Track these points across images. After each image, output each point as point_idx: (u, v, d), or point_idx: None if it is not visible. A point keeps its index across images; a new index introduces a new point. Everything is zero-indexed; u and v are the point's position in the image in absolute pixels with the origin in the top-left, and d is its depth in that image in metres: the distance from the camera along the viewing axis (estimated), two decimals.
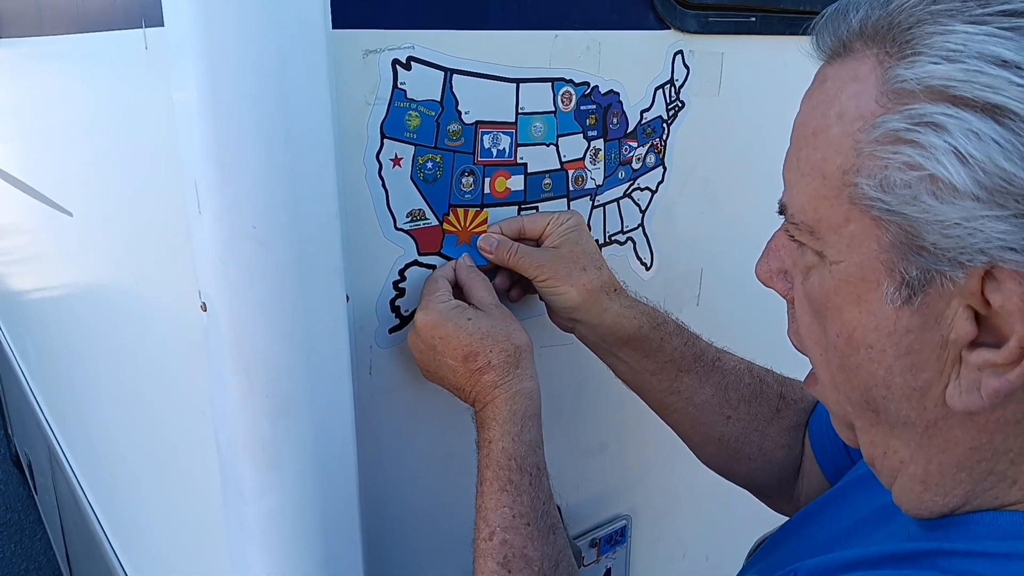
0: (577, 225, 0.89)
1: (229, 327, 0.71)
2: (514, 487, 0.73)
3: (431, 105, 0.79)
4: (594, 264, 0.87)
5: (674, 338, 0.88)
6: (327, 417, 0.75)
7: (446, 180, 0.83)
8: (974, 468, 0.49)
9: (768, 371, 0.91)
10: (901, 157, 0.44)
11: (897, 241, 0.45)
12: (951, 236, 0.42)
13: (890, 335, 0.47)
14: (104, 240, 1.18)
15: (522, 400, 0.78)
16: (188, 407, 0.92)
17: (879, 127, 0.45)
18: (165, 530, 1.22)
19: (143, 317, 1.06)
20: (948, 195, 0.42)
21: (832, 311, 0.51)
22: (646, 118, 0.98)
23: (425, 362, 0.82)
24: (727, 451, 0.89)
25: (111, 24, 0.88)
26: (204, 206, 0.67)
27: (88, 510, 1.70)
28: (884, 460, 0.54)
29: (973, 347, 0.45)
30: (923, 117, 0.43)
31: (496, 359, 0.78)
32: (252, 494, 0.76)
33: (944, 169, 0.42)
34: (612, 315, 0.86)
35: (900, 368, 0.48)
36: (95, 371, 1.44)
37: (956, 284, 0.44)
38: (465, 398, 0.81)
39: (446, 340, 0.78)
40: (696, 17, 0.97)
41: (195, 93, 0.64)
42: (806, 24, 1.06)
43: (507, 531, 0.72)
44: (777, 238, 0.59)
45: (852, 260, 0.48)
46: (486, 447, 0.76)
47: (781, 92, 1.13)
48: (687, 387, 0.88)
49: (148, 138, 0.85)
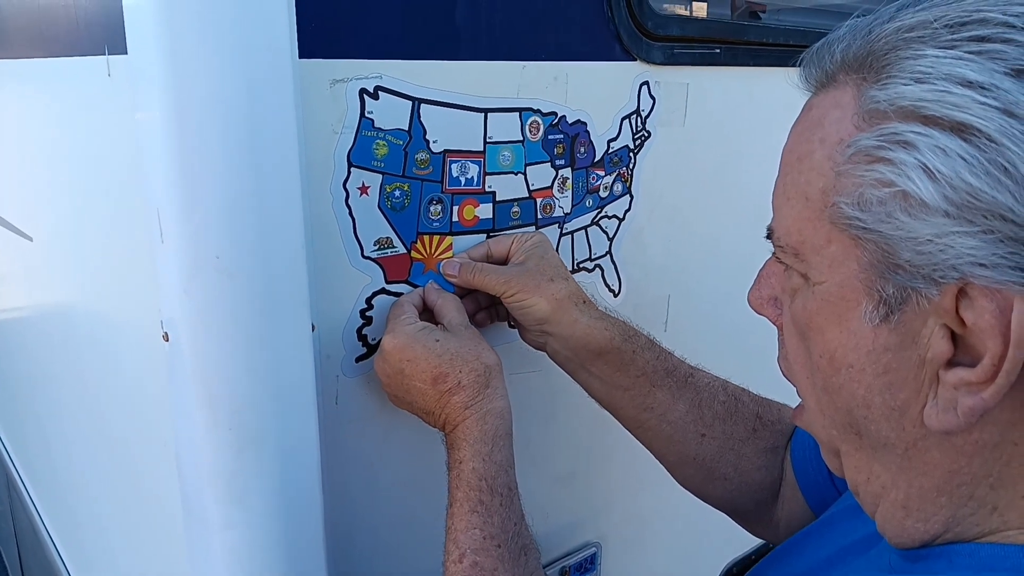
0: (541, 242, 0.90)
1: (192, 357, 0.69)
2: (484, 508, 0.72)
3: (399, 134, 0.79)
4: (561, 275, 0.87)
5: (646, 352, 0.87)
6: (292, 449, 0.74)
7: (414, 208, 0.83)
8: (954, 493, 0.49)
9: (744, 390, 0.91)
10: (874, 174, 0.45)
11: (875, 260, 0.46)
12: (924, 253, 0.43)
13: (869, 354, 0.48)
14: (66, 266, 1.16)
15: (493, 420, 0.77)
16: (152, 438, 0.90)
17: (853, 146, 0.46)
18: (127, 562, 1.20)
19: (106, 345, 1.04)
20: (919, 211, 0.43)
21: (815, 332, 0.51)
22: (613, 147, 0.99)
23: (393, 387, 0.81)
24: (702, 471, 0.89)
25: (74, 50, 0.87)
26: (167, 235, 0.67)
27: (47, 539, 1.65)
28: (867, 486, 0.54)
29: (949, 366, 0.45)
30: (894, 135, 0.44)
31: (466, 379, 0.77)
32: (216, 527, 0.74)
33: (914, 185, 0.43)
34: (583, 326, 0.86)
35: (879, 387, 0.48)
36: (57, 399, 1.41)
37: (931, 302, 0.44)
38: (434, 422, 0.80)
39: (414, 363, 0.78)
40: (661, 49, 0.99)
41: (158, 121, 0.63)
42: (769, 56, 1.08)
43: (477, 553, 0.70)
44: (768, 266, 0.61)
45: (833, 280, 0.49)
46: (456, 468, 0.75)
47: (745, 122, 1.16)
48: (660, 403, 0.87)
49: (110, 165, 0.85)
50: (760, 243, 0.60)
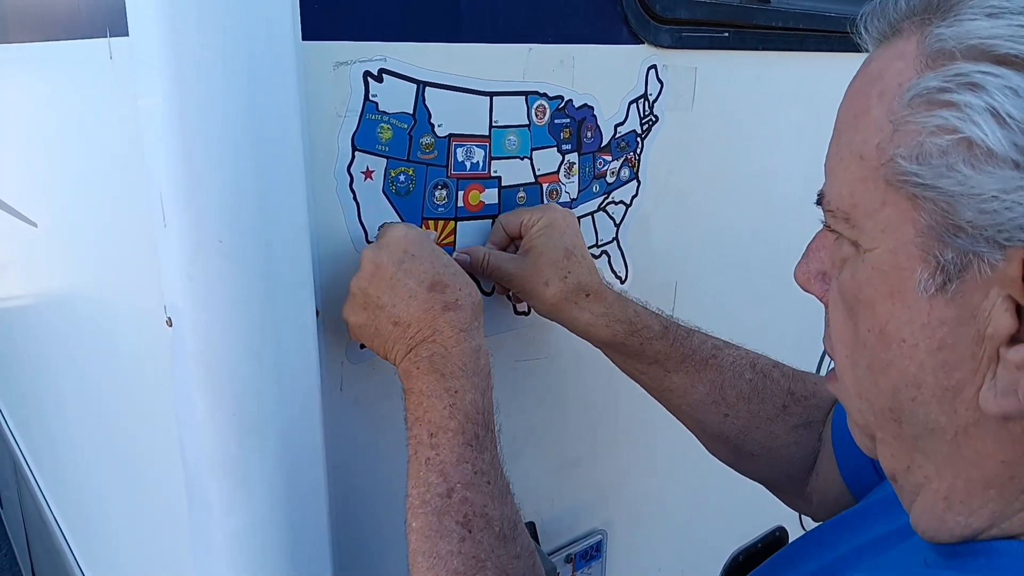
0: (547, 226, 0.85)
1: (195, 343, 0.69)
2: (479, 443, 0.68)
3: (403, 118, 0.78)
4: (558, 275, 0.84)
5: (657, 341, 0.85)
6: (296, 434, 0.73)
7: (419, 193, 0.82)
8: (1005, 486, 0.45)
9: (776, 365, 0.87)
10: (936, 120, 0.41)
11: (933, 221, 0.42)
12: (988, 211, 0.39)
13: (923, 328, 0.44)
14: (70, 251, 1.16)
15: (485, 358, 0.73)
16: (155, 423, 0.90)
17: (913, 88, 0.42)
18: (132, 547, 1.20)
19: (109, 330, 1.04)
20: (985, 162, 0.39)
21: (864, 305, 0.48)
22: (620, 132, 0.98)
23: (375, 281, 0.72)
24: (728, 447, 0.87)
25: (75, 33, 0.86)
26: (170, 219, 0.66)
27: (54, 525, 1.66)
28: (907, 476, 0.50)
29: (1012, 343, 0.41)
30: (961, 76, 0.40)
31: (464, 300, 0.72)
32: (219, 513, 0.74)
33: (980, 131, 0.39)
34: (582, 324, 0.85)
35: (932, 365, 0.44)
36: (61, 384, 1.41)
37: (994, 269, 0.40)
38: (404, 336, 0.71)
39: (417, 259, 0.72)
40: (669, 32, 0.97)
41: (160, 104, 0.63)
42: (778, 40, 1.06)
43: (468, 488, 0.66)
44: (817, 238, 0.56)
45: (886, 246, 0.45)
46: (449, 396, 0.69)
47: (754, 107, 1.14)
48: (678, 387, 0.86)
49: (113, 149, 0.84)
50: (770, 229, 0.59)
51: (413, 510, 0.67)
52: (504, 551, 0.65)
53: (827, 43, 1.17)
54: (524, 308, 0.97)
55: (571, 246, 0.85)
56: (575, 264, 0.85)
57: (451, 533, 0.64)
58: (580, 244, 0.87)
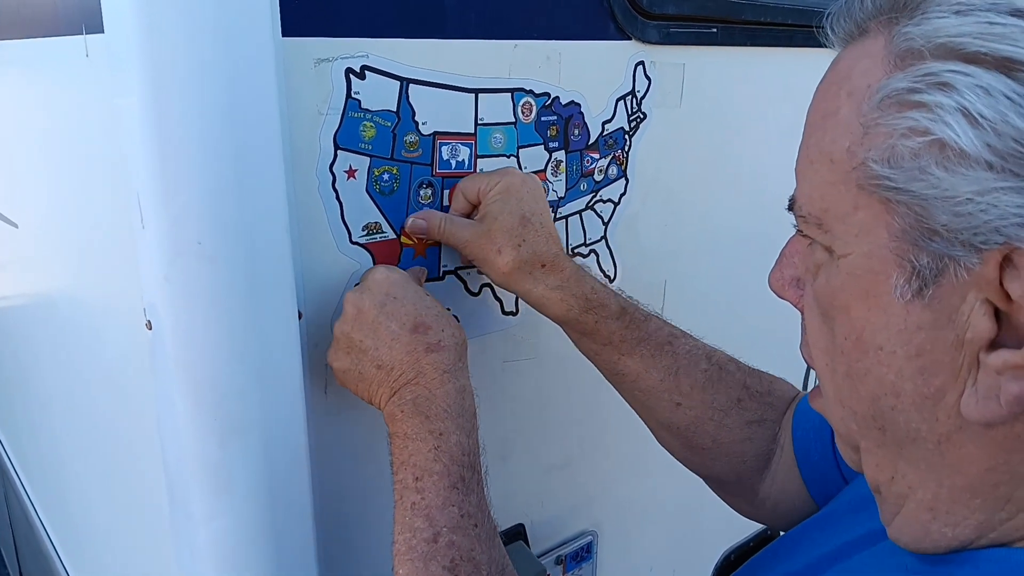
0: (502, 192, 0.81)
1: (175, 346, 0.68)
2: (465, 485, 0.67)
3: (387, 115, 0.77)
4: (512, 242, 0.80)
5: (612, 321, 0.82)
6: (279, 439, 0.72)
7: (403, 192, 0.81)
8: (989, 494, 0.44)
9: (731, 359, 0.86)
10: (906, 122, 0.40)
11: (907, 225, 0.41)
12: (963, 214, 0.38)
13: (900, 333, 0.43)
14: (51, 253, 1.14)
15: (470, 398, 0.72)
16: (138, 427, 0.88)
17: (882, 90, 0.41)
18: (116, 551, 1.18)
19: (92, 332, 1.03)
20: (958, 164, 0.38)
21: (840, 311, 0.47)
22: (608, 129, 0.97)
23: (360, 322, 0.72)
24: (679, 438, 0.85)
25: (53, 30, 0.85)
26: (148, 220, 0.65)
27: (39, 528, 1.65)
28: (891, 486, 0.49)
29: (992, 348, 0.40)
30: (930, 76, 0.39)
31: (447, 341, 0.72)
32: (201, 517, 0.73)
33: (952, 132, 0.38)
34: (536, 296, 0.82)
35: (911, 372, 0.43)
36: (47, 387, 1.40)
37: (971, 272, 0.39)
38: (388, 379, 0.71)
39: (400, 302, 0.72)
40: (657, 28, 0.96)
41: (136, 102, 0.61)
42: (767, 36, 1.05)
43: (454, 532, 0.65)
44: (791, 244, 0.55)
45: (860, 251, 0.44)
46: (434, 438, 0.68)
47: (743, 103, 1.14)
48: (631, 371, 0.84)
49: (93, 148, 0.82)
50: (759, 226, 0.58)
51: (400, 557, 0.65)
52: None
53: (817, 39, 1.15)
54: (511, 308, 0.96)
55: (528, 212, 0.82)
56: (531, 232, 0.81)
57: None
58: (540, 211, 0.83)
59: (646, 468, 1.20)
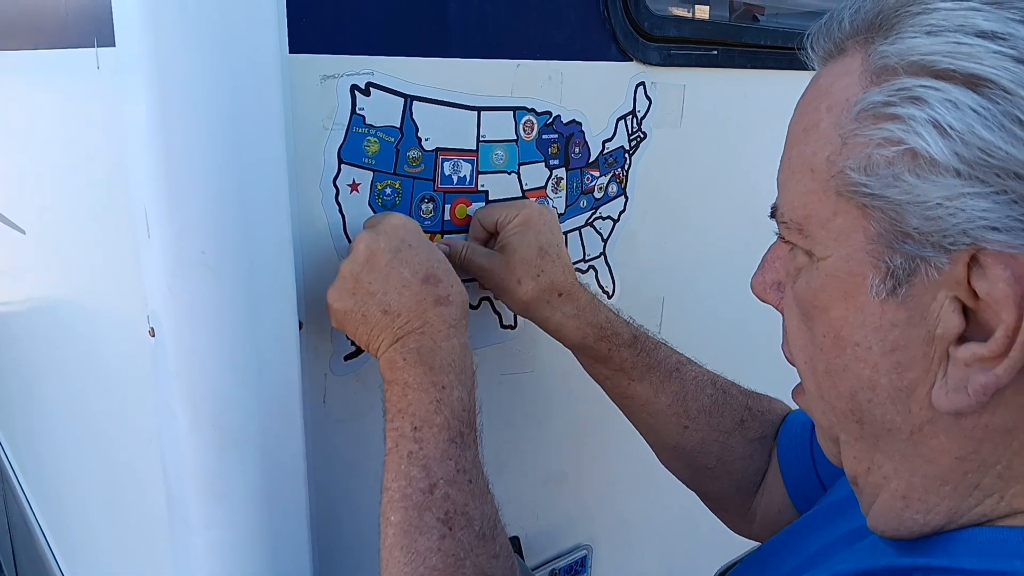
0: (521, 224, 0.84)
1: (177, 354, 0.69)
2: (463, 440, 0.68)
3: (390, 131, 0.79)
4: (530, 274, 0.83)
5: (625, 349, 0.86)
6: (277, 449, 0.73)
7: (405, 206, 0.82)
8: (959, 482, 0.47)
9: (734, 384, 0.90)
10: (882, 133, 0.43)
11: (882, 229, 0.44)
12: (933, 218, 0.41)
13: (876, 331, 0.46)
14: (56, 259, 1.16)
15: (471, 357, 0.73)
16: (137, 435, 0.89)
17: (860, 103, 0.44)
18: (113, 558, 1.19)
19: (94, 339, 1.04)
20: (929, 171, 0.41)
21: (819, 311, 0.49)
22: (608, 148, 0.99)
23: (372, 264, 0.71)
24: (683, 459, 0.89)
25: (64, 42, 0.86)
26: (153, 230, 0.66)
27: (38, 532, 1.65)
28: (868, 477, 0.51)
29: (960, 342, 0.43)
30: (903, 91, 0.42)
31: (455, 296, 0.73)
32: (198, 526, 0.73)
33: (924, 142, 0.41)
34: (553, 324, 0.86)
35: (886, 367, 0.46)
36: (47, 391, 1.40)
37: (941, 272, 0.42)
38: (393, 325, 0.70)
39: (415, 250, 0.72)
40: (658, 49, 0.98)
41: (144, 115, 0.63)
42: (766, 58, 1.07)
43: (450, 485, 0.65)
44: (772, 250, 0.59)
45: (839, 254, 0.47)
46: (437, 390, 0.68)
47: (742, 125, 1.15)
48: (640, 395, 0.87)
49: (100, 159, 0.84)
50: (757, 245, 0.59)
51: (393, 503, 0.66)
52: (483, 550, 0.65)
53: None
54: (510, 321, 0.97)
55: (546, 244, 0.85)
56: (549, 263, 0.84)
57: (431, 529, 0.64)
58: (556, 242, 0.86)
59: (642, 483, 1.20)
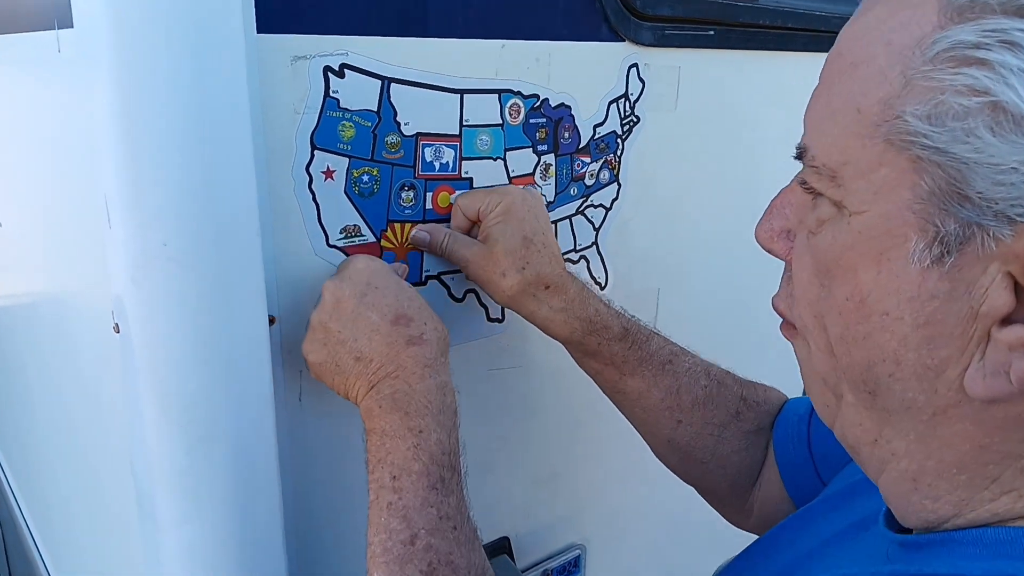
0: (503, 213, 0.80)
1: (142, 350, 0.66)
2: (444, 486, 0.65)
3: (367, 115, 0.75)
4: (515, 265, 0.79)
5: (615, 343, 0.83)
6: (248, 446, 0.70)
7: (384, 194, 0.79)
8: (977, 472, 0.43)
9: (728, 373, 0.86)
10: (964, 79, 0.37)
11: (936, 188, 0.38)
12: (1004, 184, 0.36)
13: (911, 300, 0.41)
14: (31, 252, 1.12)
15: (451, 396, 0.70)
16: (110, 432, 0.86)
17: (941, 41, 0.38)
18: (93, 556, 1.16)
19: (68, 333, 1.01)
20: (1010, 130, 0.36)
21: (844, 271, 0.44)
22: (599, 133, 0.95)
23: (339, 312, 0.69)
24: (678, 453, 0.86)
25: (26, 25, 0.83)
26: (115, 220, 0.63)
27: (24, 529, 1.63)
28: (872, 449, 0.47)
29: (1005, 323, 0.39)
30: (999, 33, 0.36)
31: (430, 335, 0.70)
32: (168, 524, 0.71)
33: (1013, 95, 0.35)
34: (540, 317, 0.82)
35: (916, 341, 0.41)
36: (29, 387, 1.38)
37: (1000, 244, 0.37)
38: (366, 372, 0.68)
39: (381, 292, 0.69)
40: (651, 29, 0.94)
41: (104, 97, 0.59)
42: (765, 39, 1.02)
43: (432, 534, 0.63)
44: (784, 194, 0.52)
45: (877, 211, 0.41)
46: (413, 436, 0.66)
47: (740, 108, 1.11)
48: (632, 390, 0.84)
49: (65, 146, 0.80)
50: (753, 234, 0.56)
51: (374, 559, 0.63)
52: None
53: (815, 43, 1.13)
54: (497, 315, 0.94)
55: (531, 233, 0.81)
56: (534, 253, 0.80)
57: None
58: (541, 230, 0.82)
59: (636, 479, 1.17)
